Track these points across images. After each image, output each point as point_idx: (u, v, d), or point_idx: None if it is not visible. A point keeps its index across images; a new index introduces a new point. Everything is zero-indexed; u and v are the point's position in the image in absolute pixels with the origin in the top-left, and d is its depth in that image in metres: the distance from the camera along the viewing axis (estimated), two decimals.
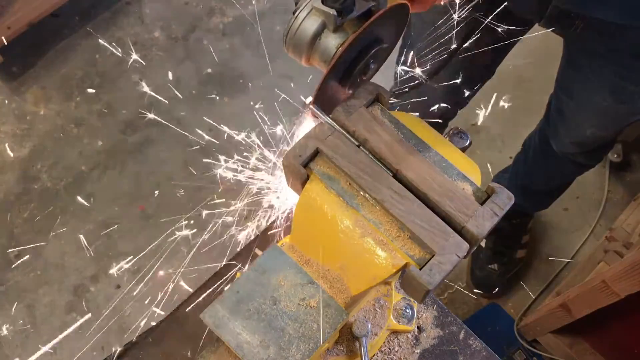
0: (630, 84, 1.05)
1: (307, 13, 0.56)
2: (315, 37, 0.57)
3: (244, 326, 0.61)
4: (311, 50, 0.58)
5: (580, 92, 1.17)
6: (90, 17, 2.27)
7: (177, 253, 1.90)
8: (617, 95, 1.08)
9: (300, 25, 0.56)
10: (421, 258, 0.61)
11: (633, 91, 1.06)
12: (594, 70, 1.08)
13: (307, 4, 0.56)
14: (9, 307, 1.80)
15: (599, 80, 1.08)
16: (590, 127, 1.24)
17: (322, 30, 0.57)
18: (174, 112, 2.11)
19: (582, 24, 0.96)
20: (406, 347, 0.84)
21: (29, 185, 1.97)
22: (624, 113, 1.15)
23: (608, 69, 1.04)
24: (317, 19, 0.56)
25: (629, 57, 0.99)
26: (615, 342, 1.48)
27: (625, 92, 1.07)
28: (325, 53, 0.58)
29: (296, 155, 0.64)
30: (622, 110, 1.13)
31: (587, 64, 1.08)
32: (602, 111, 1.16)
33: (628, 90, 1.06)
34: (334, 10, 0.54)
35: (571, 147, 1.37)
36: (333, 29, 0.56)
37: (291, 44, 0.58)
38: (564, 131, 1.33)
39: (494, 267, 1.82)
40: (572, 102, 1.22)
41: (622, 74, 1.03)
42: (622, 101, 1.09)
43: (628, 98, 1.08)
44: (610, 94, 1.09)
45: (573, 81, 1.17)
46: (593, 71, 1.08)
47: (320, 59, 0.58)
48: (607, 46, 0.99)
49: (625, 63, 1.00)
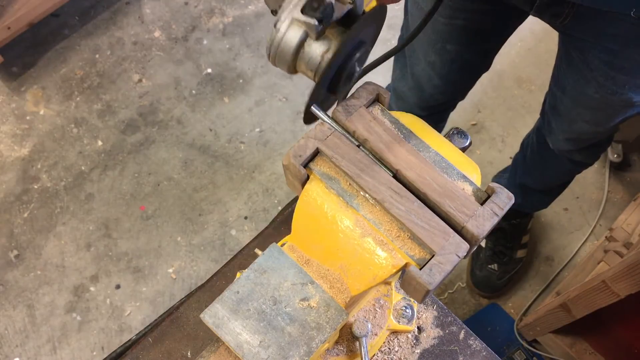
0: (620, 74, 1.04)
1: (288, 25, 0.56)
2: (299, 48, 0.57)
3: (244, 326, 0.61)
4: (296, 60, 0.58)
5: (573, 86, 1.16)
6: (90, 17, 2.27)
7: (177, 253, 1.90)
8: (608, 86, 1.08)
9: (282, 37, 0.56)
10: (421, 258, 0.61)
11: (624, 81, 1.05)
12: (585, 61, 1.07)
13: (287, 16, 0.56)
14: (9, 307, 1.80)
15: (590, 71, 1.07)
16: (584, 122, 1.24)
17: (304, 40, 0.57)
18: (174, 112, 2.11)
19: (572, 12, 0.96)
20: (406, 347, 0.84)
21: (29, 185, 1.97)
22: (617, 105, 1.14)
23: (598, 59, 1.04)
24: (299, 30, 0.56)
25: (618, 45, 0.98)
26: (615, 342, 1.48)
27: (616, 82, 1.06)
28: (310, 62, 0.58)
29: (296, 155, 0.64)
30: (614, 102, 1.12)
31: (579, 55, 1.08)
32: (595, 104, 1.16)
33: (618, 79, 1.05)
34: (315, 19, 0.54)
35: (566, 144, 1.37)
36: (315, 37, 0.57)
37: (275, 56, 0.58)
38: (559, 128, 1.33)
39: (494, 267, 1.83)
40: (566, 97, 1.22)
41: (612, 63, 1.03)
42: (614, 92, 1.08)
43: (619, 89, 1.07)
44: (601, 85, 1.08)
45: (565, 75, 1.17)
46: (584, 62, 1.07)
47: (307, 68, 0.59)
48: (597, 34, 0.99)
49: (615, 51, 1.00)
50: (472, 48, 1.20)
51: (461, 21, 1.11)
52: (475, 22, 1.12)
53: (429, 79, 1.30)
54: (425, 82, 1.32)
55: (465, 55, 1.21)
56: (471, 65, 1.27)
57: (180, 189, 1.99)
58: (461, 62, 1.23)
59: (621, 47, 0.99)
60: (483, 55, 1.27)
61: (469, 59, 1.24)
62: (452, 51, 1.19)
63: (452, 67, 1.24)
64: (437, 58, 1.22)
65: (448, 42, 1.18)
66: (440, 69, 1.25)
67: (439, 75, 1.27)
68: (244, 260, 0.91)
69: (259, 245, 0.92)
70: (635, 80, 1.05)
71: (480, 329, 1.69)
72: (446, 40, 1.17)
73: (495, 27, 1.18)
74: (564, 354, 1.58)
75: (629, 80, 1.05)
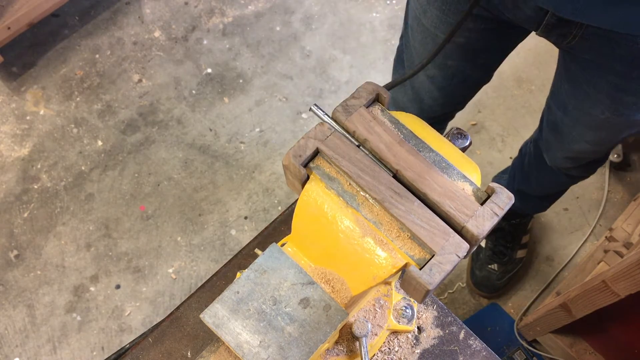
0: (627, 95, 1.02)
1: None
2: None
3: (244, 326, 0.61)
4: None
5: (576, 106, 1.14)
6: (90, 17, 2.27)
7: (177, 253, 1.90)
8: (614, 107, 1.06)
9: None
10: (421, 258, 0.61)
11: (630, 102, 1.04)
12: (589, 82, 1.05)
13: None
14: (9, 307, 1.80)
15: (595, 92, 1.06)
16: (585, 142, 1.22)
17: None
18: (174, 112, 2.11)
19: (579, 33, 0.94)
20: (406, 347, 0.84)
21: (29, 185, 1.97)
22: (621, 126, 1.13)
23: (604, 80, 1.02)
24: None
25: (625, 66, 0.97)
26: (615, 342, 1.48)
27: (622, 103, 1.04)
28: None
29: (296, 155, 0.64)
30: (618, 123, 1.11)
31: (583, 76, 1.06)
32: (598, 125, 1.14)
33: (625, 101, 1.04)
34: None
35: (565, 162, 1.36)
36: None
37: None
38: (558, 147, 1.32)
39: (494, 267, 1.83)
40: (567, 117, 1.20)
41: (618, 85, 1.01)
42: (620, 113, 1.07)
43: (626, 110, 1.06)
44: (607, 106, 1.07)
45: (568, 94, 1.15)
46: (589, 83, 1.06)
47: None
48: (603, 55, 0.97)
49: (622, 72, 0.98)
50: (473, 64, 1.19)
51: (463, 39, 1.10)
52: (477, 41, 1.11)
53: (429, 92, 1.29)
54: (425, 94, 1.30)
55: (466, 70, 1.20)
56: (472, 79, 1.26)
57: (180, 189, 1.99)
58: (462, 76, 1.22)
59: (629, 68, 0.97)
60: (484, 71, 1.26)
61: (470, 74, 1.22)
62: (452, 66, 1.18)
63: (453, 81, 1.23)
64: (438, 72, 1.21)
65: (449, 58, 1.16)
66: (441, 82, 1.24)
67: (439, 88, 1.26)
68: (244, 260, 0.91)
69: (259, 245, 0.92)
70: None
71: (480, 329, 1.70)
72: (447, 56, 1.16)
73: (497, 44, 1.16)
74: (564, 354, 1.58)
75: (636, 101, 1.04)
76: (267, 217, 1.96)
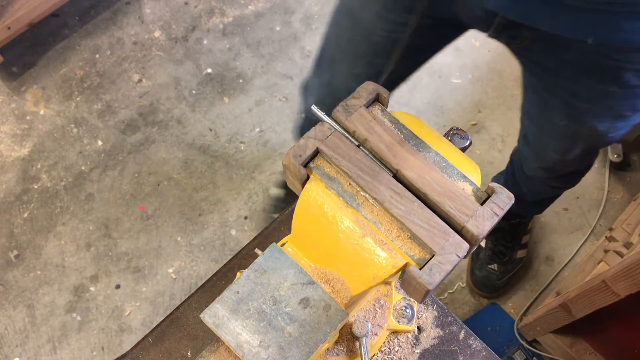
0: (579, 101, 1.01)
1: None
2: None
3: (244, 326, 0.61)
4: None
5: (539, 115, 1.14)
6: (90, 17, 2.27)
7: (177, 253, 1.90)
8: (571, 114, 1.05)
9: None
10: (421, 258, 0.61)
11: (584, 108, 1.02)
12: (546, 88, 1.04)
13: None
14: (9, 307, 1.80)
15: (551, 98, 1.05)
16: (553, 152, 1.21)
17: None
18: (174, 112, 2.11)
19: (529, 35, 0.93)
20: (406, 347, 0.84)
21: (29, 185, 1.97)
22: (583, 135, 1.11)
23: (558, 86, 1.01)
24: None
25: (574, 71, 0.95)
26: (615, 342, 1.48)
27: (577, 109, 1.03)
28: None
29: (296, 155, 0.64)
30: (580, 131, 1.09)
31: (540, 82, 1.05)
32: (561, 133, 1.13)
33: (579, 107, 1.02)
34: None
35: (541, 172, 1.35)
36: None
37: None
38: (531, 157, 1.31)
39: (494, 267, 1.83)
40: (534, 126, 1.19)
41: (572, 91, 1.00)
42: (577, 120, 1.06)
43: (582, 116, 1.05)
44: (564, 112, 1.06)
45: (532, 104, 1.14)
46: (545, 88, 1.05)
47: None
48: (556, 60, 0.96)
49: (572, 77, 0.97)
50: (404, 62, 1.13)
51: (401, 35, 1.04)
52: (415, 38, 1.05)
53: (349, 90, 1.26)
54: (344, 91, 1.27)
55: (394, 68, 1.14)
56: (398, 76, 1.21)
57: (180, 189, 1.99)
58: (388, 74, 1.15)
59: (580, 74, 0.96)
60: (413, 68, 1.22)
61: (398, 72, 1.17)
62: (380, 64, 1.13)
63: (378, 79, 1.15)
64: (364, 70, 1.15)
65: (379, 56, 1.11)
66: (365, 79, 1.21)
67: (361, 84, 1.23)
68: (244, 260, 0.91)
69: (259, 245, 0.92)
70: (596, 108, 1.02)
71: (480, 329, 1.70)
72: (377, 53, 1.11)
73: (435, 42, 1.13)
74: (564, 354, 1.58)
75: (590, 108, 1.02)
76: (267, 217, 1.96)
